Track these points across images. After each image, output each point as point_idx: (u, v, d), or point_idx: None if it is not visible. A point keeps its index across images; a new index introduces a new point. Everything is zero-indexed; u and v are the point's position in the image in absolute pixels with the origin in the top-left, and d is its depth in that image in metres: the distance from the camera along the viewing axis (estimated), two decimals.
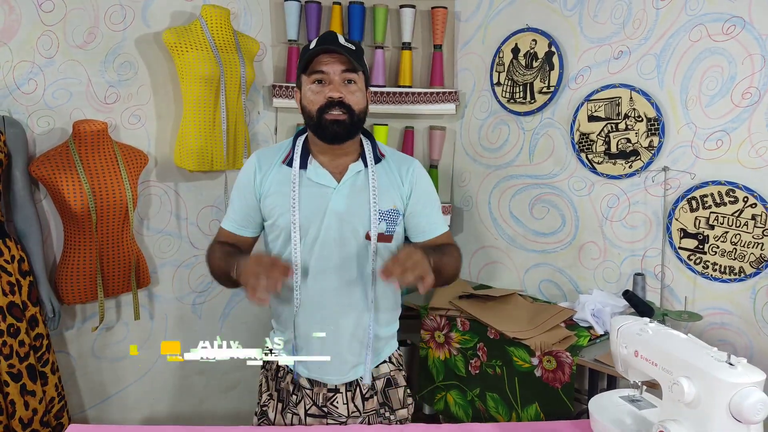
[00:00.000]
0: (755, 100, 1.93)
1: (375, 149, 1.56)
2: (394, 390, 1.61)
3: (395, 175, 1.55)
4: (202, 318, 2.61)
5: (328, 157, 1.53)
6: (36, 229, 2.06)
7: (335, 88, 1.44)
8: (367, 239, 1.50)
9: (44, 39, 2.09)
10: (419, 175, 1.58)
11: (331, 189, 1.50)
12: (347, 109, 1.45)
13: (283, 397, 1.61)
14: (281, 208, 1.50)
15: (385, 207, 1.51)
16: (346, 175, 1.51)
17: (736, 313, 2.01)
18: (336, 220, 1.49)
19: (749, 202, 1.95)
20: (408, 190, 1.56)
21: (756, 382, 1.03)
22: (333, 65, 1.45)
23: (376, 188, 1.50)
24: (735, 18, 1.95)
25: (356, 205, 1.50)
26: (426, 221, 1.59)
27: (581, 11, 2.34)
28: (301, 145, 1.55)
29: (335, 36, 1.48)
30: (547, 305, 2.35)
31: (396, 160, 1.59)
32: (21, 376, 1.92)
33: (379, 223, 1.50)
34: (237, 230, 1.59)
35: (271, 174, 1.54)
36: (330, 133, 1.46)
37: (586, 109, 2.33)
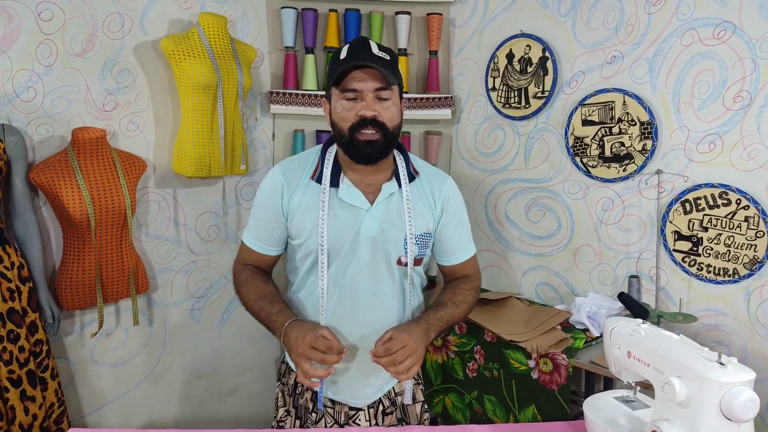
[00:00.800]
0: (746, 104, 1.95)
1: (408, 165, 1.48)
2: (412, 405, 1.58)
3: (428, 195, 1.49)
4: (200, 323, 2.62)
5: (360, 174, 1.44)
6: (35, 235, 2.07)
7: (369, 106, 1.34)
8: (399, 264, 1.45)
9: (43, 47, 2.10)
10: (452, 195, 1.52)
11: (364, 211, 1.42)
12: (380, 127, 1.35)
13: (302, 414, 1.56)
14: (310, 230, 1.42)
15: (418, 231, 1.45)
16: (379, 196, 1.43)
17: (731, 315, 2.03)
18: (368, 245, 1.42)
19: (742, 204, 1.97)
20: (440, 211, 1.49)
21: (746, 381, 1.04)
22: (366, 82, 1.34)
23: (411, 211, 1.43)
24: (726, 23, 1.98)
25: (389, 229, 1.43)
26: (453, 245, 1.53)
27: (574, 17, 2.37)
28: (332, 160, 1.45)
29: (368, 44, 1.37)
30: (544, 308, 2.37)
31: (429, 177, 1.51)
32: (21, 381, 1.93)
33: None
34: (261, 249, 1.52)
35: (299, 191, 1.45)
36: (362, 154, 1.37)
37: (580, 114, 2.35)
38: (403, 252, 1.44)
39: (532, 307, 2.38)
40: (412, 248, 1.43)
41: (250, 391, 2.79)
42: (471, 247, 1.57)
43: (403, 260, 1.44)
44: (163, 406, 2.56)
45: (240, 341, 2.72)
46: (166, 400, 2.57)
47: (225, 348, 2.69)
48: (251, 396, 2.79)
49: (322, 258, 1.41)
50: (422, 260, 1.50)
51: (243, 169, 2.52)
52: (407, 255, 1.44)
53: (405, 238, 1.43)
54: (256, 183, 2.70)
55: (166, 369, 2.54)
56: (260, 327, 2.78)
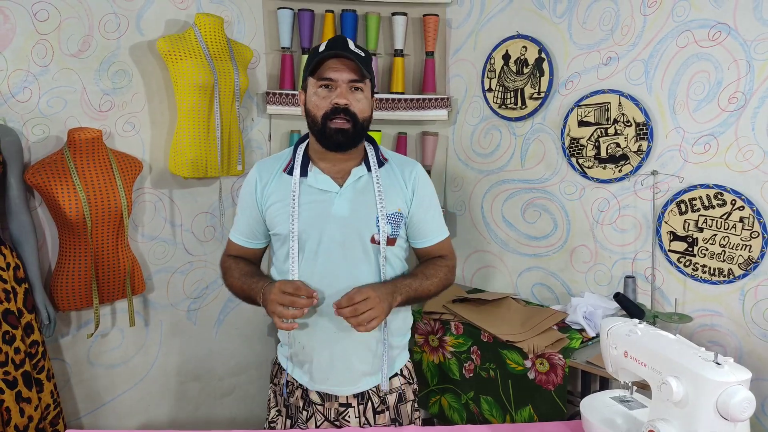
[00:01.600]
0: (741, 105, 1.96)
1: (378, 153, 1.55)
2: (404, 405, 1.59)
3: (399, 178, 1.54)
4: (197, 324, 2.61)
5: (330, 162, 1.51)
6: (31, 236, 2.06)
7: (342, 95, 1.43)
8: (373, 243, 1.48)
9: (39, 48, 2.10)
10: (422, 179, 1.57)
11: (333, 194, 1.48)
12: (352, 117, 1.43)
13: (292, 413, 1.58)
14: (282, 218, 1.49)
15: (390, 210, 1.50)
16: (348, 179, 1.49)
17: (726, 315, 2.04)
18: (339, 225, 1.47)
19: (737, 205, 1.98)
20: (411, 192, 1.55)
21: (742, 381, 1.05)
22: (341, 72, 1.43)
23: (382, 191, 1.49)
24: (720, 24, 1.99)
25: (360, 209, 1.48)
26: (427, 227, 1.58)
27: (570, 18, 2.38)
28: (302, 152, 1.53)
29: (345, 41, 1.46)
30: (540, 308, 2.37)
31: (399, 163, 1.58)
32: (16, 383, 1.92)
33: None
34: (245, 243, 1.62)
35: (272, 184, 1.53)
36: (333, 142, 1.45)
37: (576, 115, 2.36)
38: (376, 230, 1.48)
39: (529, 308, 2.39)
40: (384, 226, 1.48)
41: (246, 393, 2.79)
42: (444, 230, 1.63)
43: (376, 238, 1.48)
44: (159, 407, 2.56)
45: (236, 342, 2.72)
46: (162, 401, 2.56)
47: (221, 349, 2.69)
48: (247, 397, 2.79)
49: (293, 244, 1.47)
50: (395, 240, 1.52)
51: (239, 170, 2.51)
52: (380, 233, 1.48)
53: (377, 217, 1.48)
54: None
55: (162, 370, 2.54)
56: (256, 328, 2.79)
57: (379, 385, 1.56)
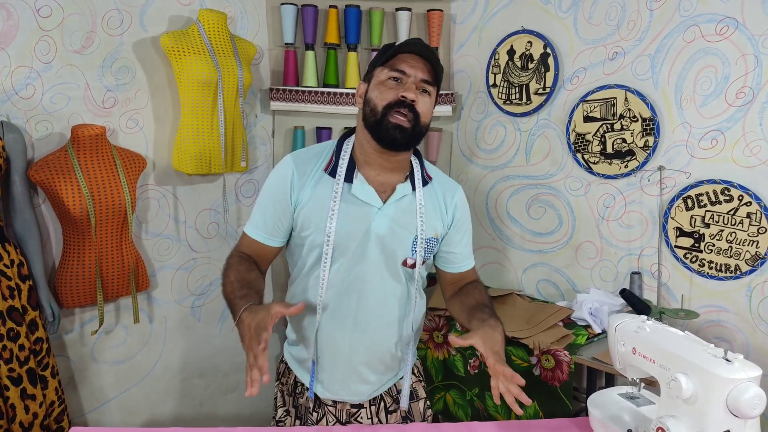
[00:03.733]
0: (749, 100, 1.95)
1: (423, 170, 1.48)
2: (415, 403, 1.57)
3: (440, 201, 1.48)
4: (201, 321, 2.61)
5: (375, 170, 1.42)
6: (35, 233, 2.06)
7: (411, 89, 1.34)
8: (404, 265, 1.44)
9: (42, 44, 2.09)
10: (462, 205, 1.53)
11: (375, 209, 1.40)
12: (415, 116, 1.34)
13: (302, 414, 1.54)
14: (317, 221, 1.39)
15: (427, 235, 1.44)
16: (392, 196, 1.41)
17: (733, 311, 2.03)
18: (376, 243, 1.40)
19: (744, 201, 1.96)
20: (450, 219, 1.49)
21: (752, 378, 1.04)
22: (416, 69, 1.35)
23: (423, 215, 1.42)
24: (728, 19, 1.97)
25: (399, 230, 1.41)
26: (459, 254, 1.53)
27: (576, 13, 2.36)
28: (348, 154, 1.43)
29: (426, 43, 1.41)
30: (545, 305, 2.36)
31: (441, 184, 1.51)
32: (21, 380, 1.92)
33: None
34: (264, 239, 1.46)
35: (310, 182, 1.41)
36: (389, 137, 1.34)
37: (581, 110, 2.35)
38: (410, 254, 1.43)
39: (534, 304, 2.38)
40: (420, 251, 1.42)
41: None
42: (473, 257, 1.60)
43: (409, 261, 1.43)
44: (163, 403, 2.56)
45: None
46: (166, 397, 2.56)
47: (225, 345, 2.69)
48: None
49: (327, 250, 1.38)
50: (425, 262, 1.48)
51: (243, 166, 2.51)
52: (414, 256, 1.43)
53: (414, 240, 1.42)
54: (256, 180, 2.69)
55: (166, 367, 2.54)
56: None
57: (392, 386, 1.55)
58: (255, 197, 2.70)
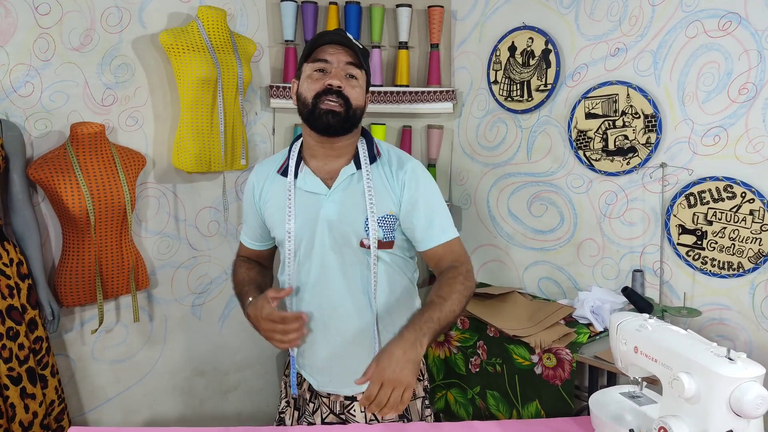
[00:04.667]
0: (752, 96, 1.93)
1: (372, 148, 1.47)
2: (413, 402, 1.55)
3: (390, 176, 1.44)
4: (201, 319, 2.60)
5: (321, 161, 1.46)
6: (34, 231, 2.05)
7: (336, 76, 1.37)
8: (362, 246, 1.42)
9: (41, 42, 2.08)
10: (413, 177, 1.44)
11: (322, 196, 1.43)
12: (345, 101, 1.37)
13: (300, 405, 1.58)
14: (278, 220, 1.47)
15: (380, 213, 1.41)
16: (336, 180, 1.43)
17: (735, 309, 2.01)
18: (328, 229, 1.43)
19: (747, 198, 1.95)
20: (400, 193, 1.43)
21: (756, 377, 1.03)
22: (338, 55, 1.39)
23: (372, 191, 1.41)
24: (731, 14, 1.95)
25: (349, 212, 1.42)
26: (425, 229, 1.43)
27: (577, 9, 2.35)
28: (297, 152, 1.49)
29: (344, 31, 1.45)
30: (547, 303, 2.35)
31: (393, 159, 1.47)
32: (21, 379, 1.91)
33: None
34: (252, 245, 1.63)
35: (267, 186, 1.51)
36: (323, 123, 1.37)
37: (583, 107, 2.33)
38: (365, 234, 1.41)
39: (535, 302, 2.37)
40: (374, 230, 1.41)
41: (251, 388, 2.78)
42: (448, 233, 1.46)
43: (366, 243, 1.42)
44: (164, 402, 2.55)
45: (241, 337, 2.71)
46: (167, 396, 2.56)
47: (226, 344, 2.68)
48: (253, 392, 2.78)
49: (289, 245, 1.46)
50: (392, 243, 1.43)
51: (243, 164, 2.50)
52: (369, 237, 1.41)
53: (366, 220, 1.41)
54: None
55: (167, 365, 2.53)
56: None
57: None
58: None
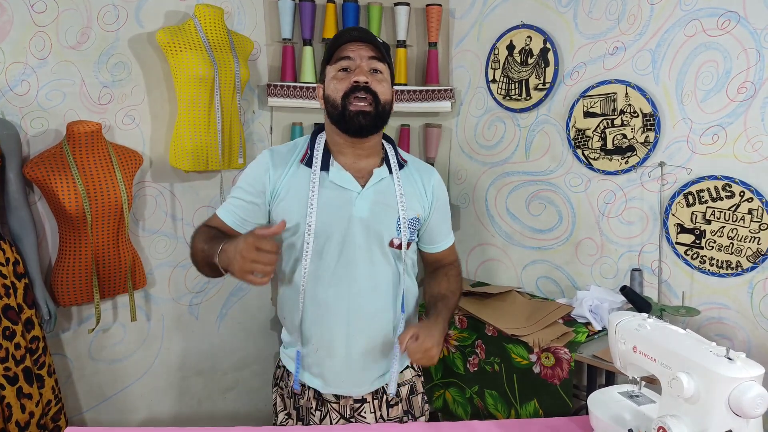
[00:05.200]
0: (751, 95, 1.93)
1: (397, 154, 1.51)
2: (415, 397, 1.58)
3: (418, 182, 1.51)
4: (199, 319, 2.60)
5: (350, 158, 1.45)
6: (31, 231, 2.04)
7: (362, 72, 1.36)
8: (391, 246, 1.45)
9: (37, 40, 2.07)
10: (440, 186, 1.57)
11: (355, 194, 1.42)
12: (373, 98, 1.37)
13: (303, 415, 1.52)
14: (298, 211, 1.40)
15: (410, 215, 1.46)
16: (371, 180, 1.43)
17: (734, 308, 2.01)
18: (360, 227, 1.41)
19: (746, 197, 1.95)
20: (430, 200, 1.53)
21: (755, 377, 1.03)
22: (360, 51, 1.38)
23: (403, 195, 1.45)
24: (730, 13, 1.95)
25: (381, 212, 1.43)
26: (439, 234, 1.58)
27: (576, 7, 2.34)
28: (323, 144, 1.45)
29: (363, 27, 1.47)
30: (545, 302, 2.35)
31: (417, 167, 1.55)
32: (17, 379, 1.91)
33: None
34: (235, 225, 1.46)
35: (287, 174, 1.43)
36: (354, 125, 1.37)
37: (581, 106, 2.33)
38: (396, 234, 1.45)
39: (534, 301, 2.37)
40: (405, 230, 1.44)
41: (249, 387, 2.77)
42: (452, 235, 1.64)
43: (396, 242, 1.45)
44: (161, 402, 2.54)
45: (239, 337, 2.70)
46: (164, 396, 2.55)
47: (224, 344, 2.67)
48: (251, 392, 2.78)
49: (308, 239, 1.39)
50: (411, 245, 1.50)
51: (240, 163, 2.49)
52: (400, 237, 1.45)
53: (398, 221, 1.44)
54: None
55: (164, 365, 2.52)
56: (259, 322, 2.77)
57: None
58: None
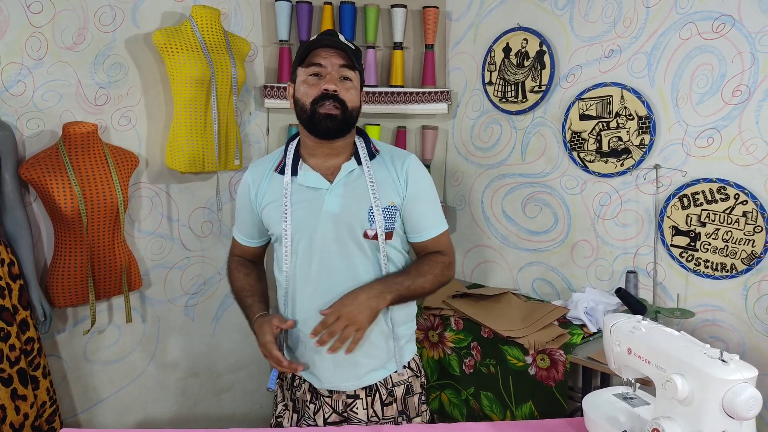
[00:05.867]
0: (745, 98, 1.94)
1: (369, 146, 1.54)
2: (411, 398, 1.58)
3: (391, 170, 1.52)
4: (194, 320, 2.59)
5: (320, 159, 1.51)
6: (26, 232, 2.04)
7: (331, 81, 1.42)
8: (366, 237, 1.47)
9: (33, 40, 2.07)
10: (415, 171, 1.53)
11: (324, 191, 1.47)
12: (341, 104, 1.43)
13: (299, 407, 1.57)
14: (276, 218, 1.50)
15: (383, 203, 1.48)
16: (339, 174, 1.48)
17: (728, 310, 2.02)
18: (331, 222, 1.46)
19: (740, 199, 1.96)
20: (404, 184, 1.51)
21: (748, 379, 1.03)
22: (331, 59, 1.44)
23: (374, 183, 1.47)
24: (725, 16, 1.96)
25: (352, 204, 1.47)
26: (422, 221, 1.54)
27: (572, 10, 2.35)
28: (293, 151, 1.53)
29: (335, 33, 1.48)
30: (541, 304, 2.35)
31: (391, 155, 1.55)
32: (12, 380, 1.90)
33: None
34: (245, 241, 1.66)
35: (264, 185, 1.53)
36: (322, 128, 1.43)
37: (577, 108, 2.33)
38: (368, 225, 1.47)
39: (529, 303, 2.37)
40: (379, 220, 1.46)
41: (245, 389, 2.77)
42: (441, 225, 1.58)
43: (370, 233, 1.47)
44: (157, 404, 2.54)
45: (235, 338, 2.70)
46: (160, 398, 2.54)
47: (220, 345, 2.67)
48: (247, 393, 2.77)
49: (286, 243, 1.48)
50: (392, 234, 1.50)
51: (237, 165, 2.49)
52: (374, 227, 1.47)
53: (370, 211, 1.47)
54: None
55: (160, 366, 2.52)
56: None
57: (388, 377, 1.54)
58: None
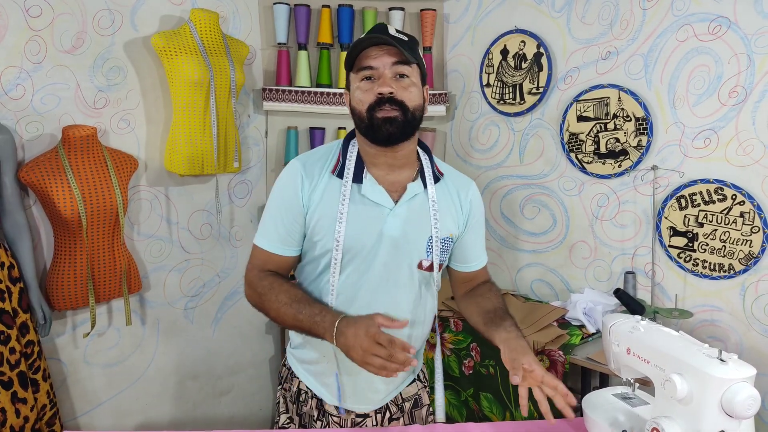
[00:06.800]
0: (742, 99, 1.95)
1: (433, 167, 1.41)
2: (419, 410, 1.53)
3: (454, 198, 1.42)
4: (194, 323, 2.59)
5: (384, 170, 1.36)
6: (26, 235, 2.04)
7: (385, 83, 1.26)
8: (419, 268, 1.37)
9: (32, 44, 2.07)
10: (477, 201, 1.46)
11: (387, 210, 1.33)
12: (400, 106, 1.27)
13: (305, 422, 1.49)
14: (326, 225, 1.32)
15: (442, 234, 1.37)
16: (404, 196, 1.34)
17: (726, 310, 2.03)
18: (390, 245, 1.33)
19: (737, 200, 1.97)
20: (465, 217, 1.43)
21: (747, 378, 1.04)
22: (382, 58, 1.27)
23: (437, 213, 1.37)
24: (721, 18, 1.97)
25: (413, 231, 1.35)
26: (473, 252, 1.48)
27: (569, 12, 2.36)
28: (355, 154, 1.36)
29: (385, 27, 1.31)
30: (539, 305, 2.36)
31: (454, 180, 1.45)
32: (12, 383, 1.90)
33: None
34: (279, 250, 1.37)
35: (320, 185, 1.34)
36: (383, 134, 1.28)
37: (575, 110, 2.35)
38: (425, 255, 1.37)
39: (528, 304, 2.38)
40: (437, 252, 1.36)
41: (244, 391, 2.77)
42: (485, 254, 1.56)
43: (425, 264, 1.37)
44: (156, 406, 2.54)
45: (234, 341, 2.70)
46: (159, 400, 2.54)
47: (219, 348, 2.67)
48: (246, 396, 2.78)
49: (336, 255, 1.31)
50: (441, 266, 1.41)
51: (236, 167, 2.49)
52: (430, 258, 1.37)
53: (429, 241, 1.36)
54: (249, 181, 2.68)
55: (159, 369, 2.52)
56: (254, 326, 2.77)
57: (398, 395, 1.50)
58: (248, 198, 2.69)
